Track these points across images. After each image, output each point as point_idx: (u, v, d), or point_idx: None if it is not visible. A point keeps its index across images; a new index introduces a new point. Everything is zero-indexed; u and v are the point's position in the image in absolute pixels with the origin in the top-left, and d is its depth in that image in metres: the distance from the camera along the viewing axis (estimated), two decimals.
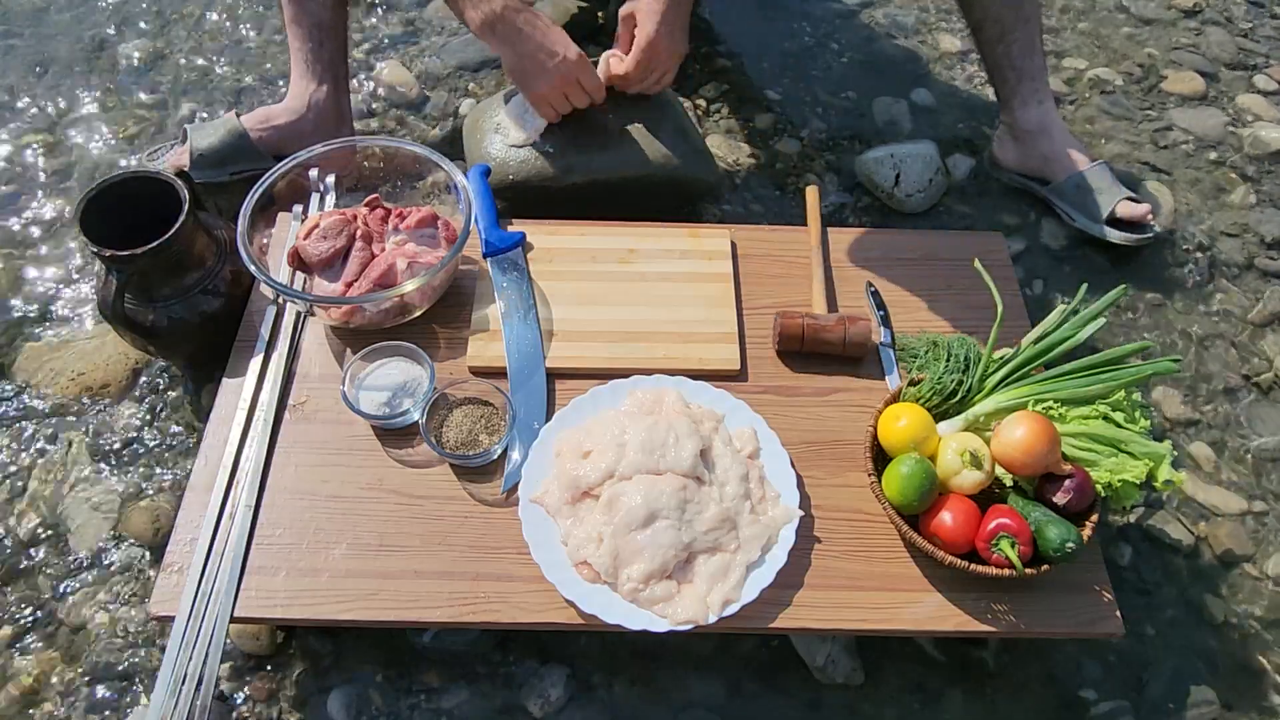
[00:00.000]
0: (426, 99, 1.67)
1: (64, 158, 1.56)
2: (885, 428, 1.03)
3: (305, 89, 1.39)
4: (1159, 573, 1.16)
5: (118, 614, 1.09)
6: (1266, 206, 1.57)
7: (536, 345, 1.16)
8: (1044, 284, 1.44)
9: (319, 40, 1.37)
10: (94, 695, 1.03)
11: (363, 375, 1.12)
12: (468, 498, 1.05)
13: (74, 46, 1.74)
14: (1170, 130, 1.68)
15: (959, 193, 1.55)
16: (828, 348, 1.16)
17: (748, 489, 1.03)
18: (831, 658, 1.05)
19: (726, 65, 1.74)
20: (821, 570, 1.01)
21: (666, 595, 0.96)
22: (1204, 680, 1.08)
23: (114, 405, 1.26)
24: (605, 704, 1.04)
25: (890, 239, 1.33)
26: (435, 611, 0.97)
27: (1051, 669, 1.08)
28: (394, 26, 1.80)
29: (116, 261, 1.07)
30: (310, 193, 1.27)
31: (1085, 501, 0.97)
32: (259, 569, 0.99)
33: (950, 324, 1.19)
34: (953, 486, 0.99)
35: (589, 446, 1.04)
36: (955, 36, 1.82)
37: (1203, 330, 1.41)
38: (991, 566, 0.95)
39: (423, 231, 1.20)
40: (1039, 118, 1.45)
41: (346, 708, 1.02)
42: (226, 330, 1.18)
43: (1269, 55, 1.82)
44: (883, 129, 1.65)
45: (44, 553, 1.14)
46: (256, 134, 1.38)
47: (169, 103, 1.65)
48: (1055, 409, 1.02)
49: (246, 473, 1.05)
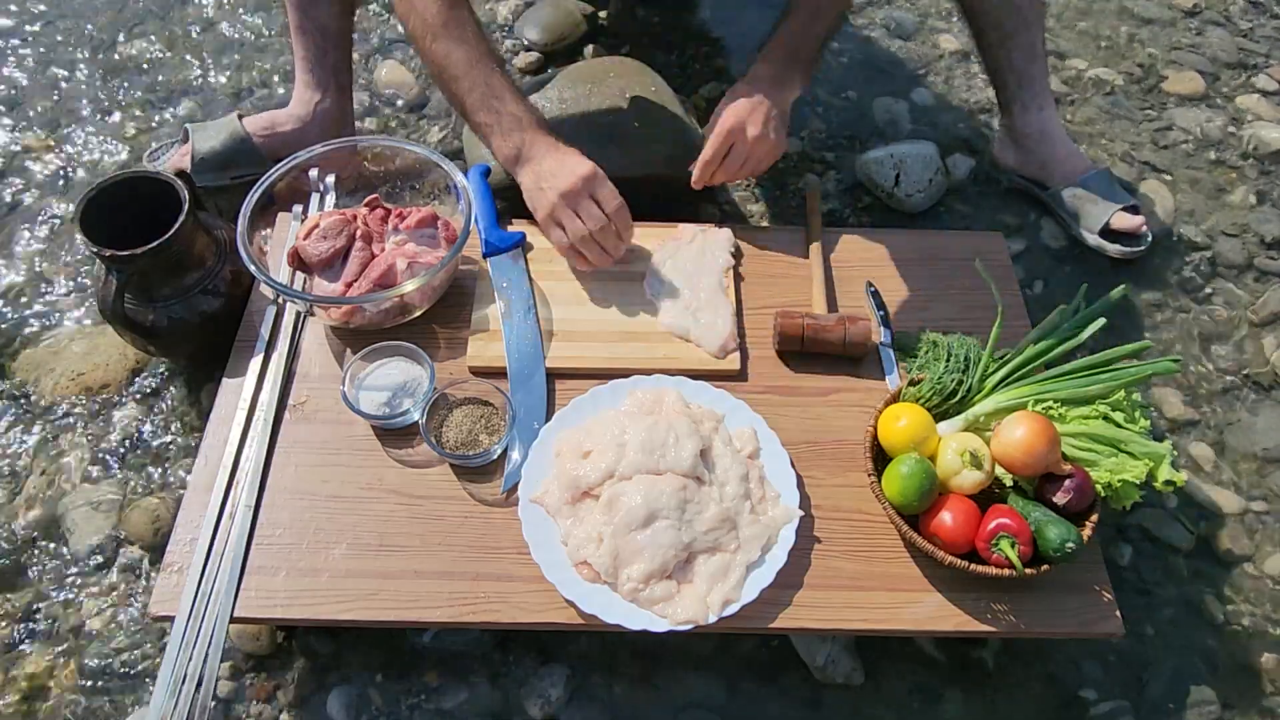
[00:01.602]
0: (426, 99, 1.67)
1: (64, 158, 1.56)
2: (885, 428, 1.03)
3: (309, 96, 1.39)
4: (1159, 573, 1.16)
5: (118, 614, 1.09)
6: (1266, 206, 1.57)
7: (536, 345, 1.16)
8: (1044, 284, 1.44)
9: (324, 47, 1.36)
10: (94, 695, 1.03)
11: (363, 375, 1.12)
12: (468, 498, 1.05)
13: (75, 46, 1.74)
14: (1170, 130, 1.68)
15: (959, 193, 1.55)
16: (828, 348, 1.16)
17: (748, 489, 1.03)
18: (831, 658, 1.05)
19: (726, 65, 1.74)
20: (821, 570, 1.01)
21: (666, 595, 0.96)
22: (1204, 680, 1.08)
23: (114, 405, 1.26)
24: (605, 704, 1.04)
25: (890, 239, 1.33)
26: (435, 611, 0.97)
27: (1051, 669, 1.08)
28: (394, 26, 1.80)
29: (116, 261, 1.07)
30: (310, 193, 1.27)
31: (1085, 501, 0.97)
32: (259, 569, 0.99)
33: (950, 324, 1.19)
34: (953, 486, 0.99)
35: (589, 446, 1.04)
36: (955, 37, 1.82)
37: (1203, 330, 1.41)
38: (991, 566, 0.95)
39: (423, 231, 1.20)
40: (1039, 124, 1.46)
41: (346, 708, 1.02)
42: (226, 330, 1.18)
43: (1269, 55, 1.82)
44: (883, 129, 1.65)
45: (44, 553, 1.14)
46: (259, 139, 1.38)
47: (170, 102, 1.65)
48: (1055, 409, 1.02)
49: (246, 473, 1.05)
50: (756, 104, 1.20)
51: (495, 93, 1.16)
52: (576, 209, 1.15)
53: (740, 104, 1.21)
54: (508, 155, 1.18)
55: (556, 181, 1.14)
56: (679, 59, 1.75)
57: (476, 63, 1.16)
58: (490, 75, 1.16)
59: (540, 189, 1.16)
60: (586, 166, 1.15)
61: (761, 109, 1.20)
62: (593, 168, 1.15)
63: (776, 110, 1.22)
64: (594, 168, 1.15)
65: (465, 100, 1.17)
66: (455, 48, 1.15)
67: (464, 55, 1.15)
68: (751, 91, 1.22)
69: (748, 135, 1.19)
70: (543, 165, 1.15)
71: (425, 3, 1.15)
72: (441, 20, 1.15)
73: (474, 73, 1.15)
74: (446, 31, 1.15)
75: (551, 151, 1.16)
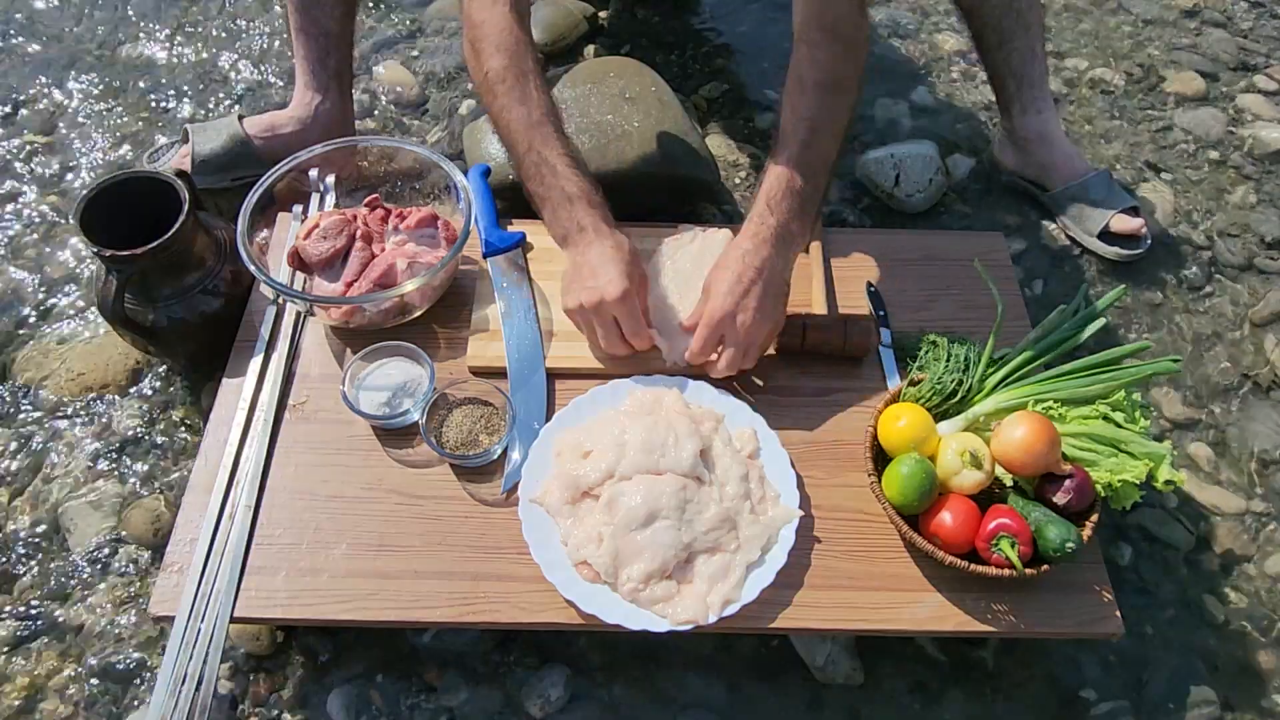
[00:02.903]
0: (426, 99, 1.67)
1: (64, 158, 1.56)
2: (885, 428, 1.03)
3: (310, 98, 1.39)
4: (1159, 573, 1.16)
5: (118, 614, 1.09)
6: (1266, 206, 1.57)
7: (536, 345, 1.16)
8: (1044, 284, 1.44)
9: (326, 50, 1.36)
10: (94, 695, 1.03)
11: (363, 375, 1.12)
12: (468, 498, 1.05)
13: (75, 46, 1.74)
14: (1170, 130, 1.68)
15: (959, 193, 1.55)
16: (828, 348, 1.16)
17: (748, 489, 1.03)
18: (831, 658, 1.05)
19: (726, 65, 1.74)
20: (821, 570, 1.01)
21: (666, 595, 0.96)
22: (1204, 680, 1.08)
23: (114, 405, 1.26)
24: (605, 704, 1.04)
25: (890, 239, 1.33)
26: (435, 611, 0.97)
27: (1051, 669, 1.08)
28: (394, 26, 1.80)
29: (116, 261, 1.07)
30: (310, 193, 1.27)
31: (1085, 501, 0.97)
32: (259, 569, 0.99)
33: (950, 324, 1.19)
34: (953, 486, 0.99)
35: (589, 446, 1.04)
36: (955, 36, 1.82)
37: (1203, 330, 1.41)
38: (991, 566, 0.95)
39: (423, 231, 1.20)
40: (1038, 126, 1.46)
41: (346, 708, 1.02)
42: (226, 330, 1.18)
43: (1269, 55, 1.82)
44: (883, 129, 1.65)
45: (44, 553, 1.14)
46: (260, 141, 1.38)
47: (170, 102, 1.65)
48: (1055, 409, 1.02)
49: (246, 473, 1.05)
50: (747, 284, 1.04)
51: (547, 162, 1.09)
52: (593, 323, 1.08)
53: (727, 283, 1.04)
54: (555, 235, 1.12)
55: (585, 288, 1.06)
56: (679, 59, 1.75)
57: (534, 126, 1.09)
58: (546, 142, 1.09)
59: (571, 285, 1.08)
60: (619, 286, 1.03)
61: (755, 290, 1.04)
62: (624, 289, 1.04)
63: (773, 283, 1.05)
64: (626, 288, 1.04)
65: (520, 165, 1.12)
66: (514, 107, 1.10)
67: (520, 116, 1.09)
68: (741, 264, 1.04)
69: (738, 324, 1.04)
70: (583, 258, 1.07)
71: (489, 57, 1.10)
72: (501, 76, 1.10)
73: (529, 136, 1.09)
74: (506, 89, 1.10)
75: (595, 244, 1.06)
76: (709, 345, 1.06)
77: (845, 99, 1.12)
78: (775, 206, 1.07)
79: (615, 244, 1.08)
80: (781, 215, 1.07)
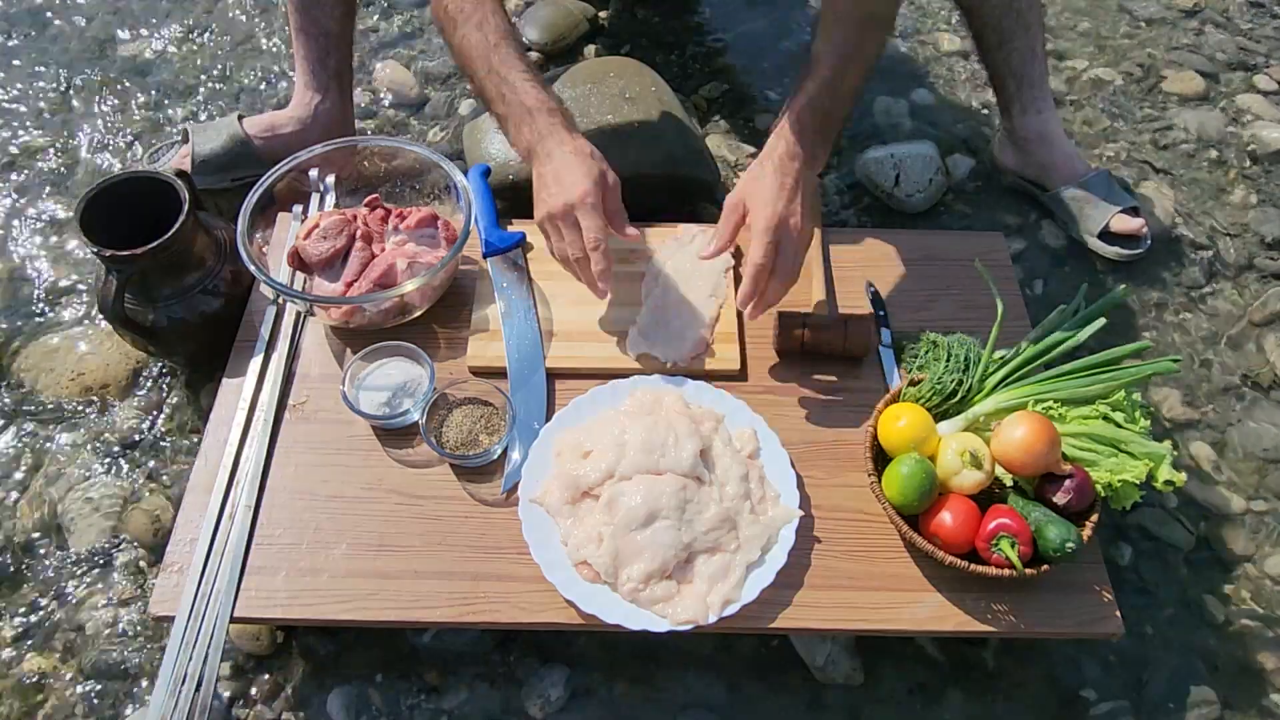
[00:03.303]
0: (426, 99, 1.67)
1: (64, 158, 1.56)
2: (885, 428, 1.03)
3: (310, 99, 1.39)
4: (1159, 573, 1.16)
5: (118, 614, 1.09)
6: (1266, 206, 1.57)
7: (536, 345, 1.16)
8: (1044, 284, 1.44)
9: (326, 50, 1.36)
10: (94, 695, 1.03)
11: (363, 375, 1.12)
12: (468, 498, 1.05)
13: (75, 46, 1.74)
14: (1170, 130, 1.68)
15: (959, 193, 1.55)
16: (828, 348, 1.16)
17: (748, 489, 1.03)
18: (831, 658, 1.05)
19: (726, 65, 1.74)
20: (821, 570, 1.01)
21: (666, 595, 0.96)
22: (1204, 680, 1.08)
23: (114, 405, 1.26)
24: (605, 704, 1.04)
25: (890, 239, 1.33)
26: (435, 611, 0.97)
27: (1051, 669, 1.08)
28: (394, 26, 1.80)
29: (116, 261, 1.07)
30: (310, 193, 1.27)
31: (1085, 501, 0.97)
32: (259, 569, 0.99)
33: (950, 324, 1.19)
34: (953, 486, 0.99)
35: (589, 446, 1.04)
36: (955, 36, 1.82)
37: (1203, 330, 1.41)
38: (991, 566, 0.95)
39: (423, 231, 1.20)
40: (1038, 126, 1.46)
41: (346, 708, 1.02)
42: (226, 330, 1.18)
43: (1269, 55, 1.82)
44: (883, 129, 1.65)
45: (44, 553, 1.14)
46: (260, 141, 1.38)
47: (170, 102, 1.65)
48: (1055, 409, 1.02)
49: (246, 473, 1.05)
50: (790, 189, 1.03)
51: (507, 80, 1.08)
52: (561, 230, 1.07)
53: (770, 191, 1.03)
54: (520, 151, 1.11)
55: (551, 194, 1.06)
56: (679, 59, 1.75)
57: (491, 49, 1.09)
58: (504, 62, 1.09)
59: (539, 196, 1.09)
60: (580, 187, 1.03)
61: (798, 195, 1.03)
62: (585, 189, 1.03)
63: (809, 191, 1.05)
64: (587, 189, 1.03)
65: (482, 91, 1.11)
66: (472, 34, 1.09)
67: (478, 41, 1.09)
68: (779, 174, 1.04)
69: (791, 227, 1.02)
70: (546, 168, 1.07)
71: None
72: (459, 6, 1.10)
73: (487, 60, 1.09)
74: (465, 17, 1.10)
75: (557, 152, 1.06)
76: (770, 251, 1.02)
77: (880, 33, 1.15)
78: (804, 128, 1.07)
79: (575, 149, 1.07)
80: (809, 137, 1.08)
